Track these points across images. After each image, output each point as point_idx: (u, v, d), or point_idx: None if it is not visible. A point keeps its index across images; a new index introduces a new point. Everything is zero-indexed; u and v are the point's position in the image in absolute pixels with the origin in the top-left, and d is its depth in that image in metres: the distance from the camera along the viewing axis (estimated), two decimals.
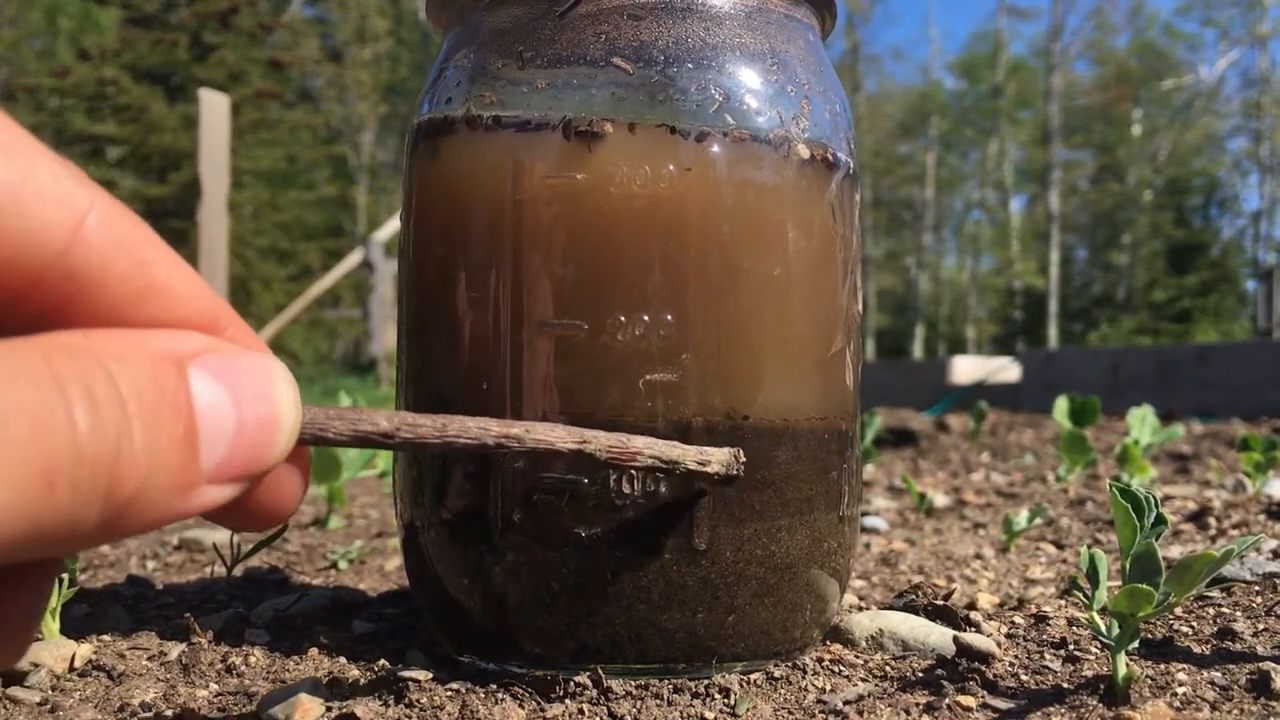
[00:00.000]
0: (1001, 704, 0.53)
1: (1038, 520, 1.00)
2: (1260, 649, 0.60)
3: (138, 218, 0.28)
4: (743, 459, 0.53)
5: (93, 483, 0.24)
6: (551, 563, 0.55)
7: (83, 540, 0.25)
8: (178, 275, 0.29)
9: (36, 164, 0.25)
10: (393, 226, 7.87)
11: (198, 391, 0.27)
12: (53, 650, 0.60)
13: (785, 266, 0.57)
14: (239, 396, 0.28)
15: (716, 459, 0.51)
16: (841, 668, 0.60)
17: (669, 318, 0.54)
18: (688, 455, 0.50)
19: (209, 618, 0.71)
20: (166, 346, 0.27)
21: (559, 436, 0.43)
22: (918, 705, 0.53)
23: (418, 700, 0.53)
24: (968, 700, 0.53)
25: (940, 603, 0.69)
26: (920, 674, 0.58)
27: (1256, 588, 0.72)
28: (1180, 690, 0.54)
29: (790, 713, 0.53)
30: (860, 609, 0.73)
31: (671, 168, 0.54)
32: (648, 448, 0.48)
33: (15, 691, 0.56)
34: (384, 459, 1.54)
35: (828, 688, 0.57)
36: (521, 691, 0.54)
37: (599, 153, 0.54)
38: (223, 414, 0.27)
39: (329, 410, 0.34)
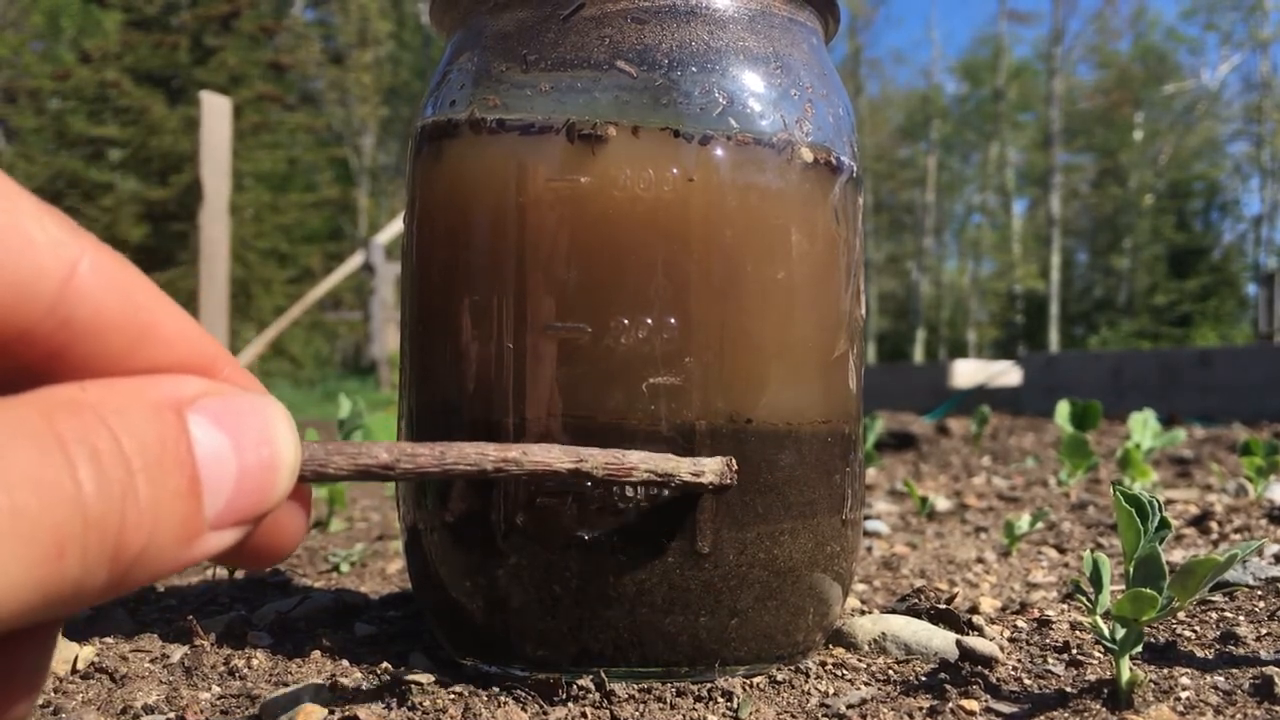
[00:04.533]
0: (1005, 708, 0.53)
1: (1039, 524, 1.00)
2: (1263, 653, 0.60)
3: (129, 263, 0.28)
4: (735, 467, 0.53)
5: (100, 546, 0.23)
6: (554, 565, 0.55)
7: (87, 601, 0.24)
8: (172, 319, 0.29)
9: (24, 213, 0.25)
10: (393, 229, 7.88)
11: (198, 438, 0.27)
12: (55, 653, 0.60)
13: (788, 270, 0.57)
14: (239, 441, 0.28)
15: (710, 469, 0.52)
16: (844, 671, 0.60)
17: (672, 321, 0.54)
18: (681, 467, 0.51)
19: (211, 620, 0.71)
20: (165, 394, 0.27)
21: (555, 457, 0.44)
22: (920, 709, 0.53)
23: (420, 703, 0.53)
24: (971, 704, 0.53)
25: (943, 606, 0.69)
26: (923, 678, 0.58)
27: (1259, 592, 0.72)
28: (1184, 694, 0.54)
29: (793, 716, 0.53)
30: (863, 612, 0.73)
31: (675, 171, 0.54)
32: (643, 462, 0.48)
33: None
34: None
35: (830, 691, 0.56)
36: (524, 694, 0.54)
37: (602, 156, 0.54)
38: (224, 460, 0.27)
39: (328, 446, 0.34)
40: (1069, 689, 0.55)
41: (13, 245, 0.25)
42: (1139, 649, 0.53)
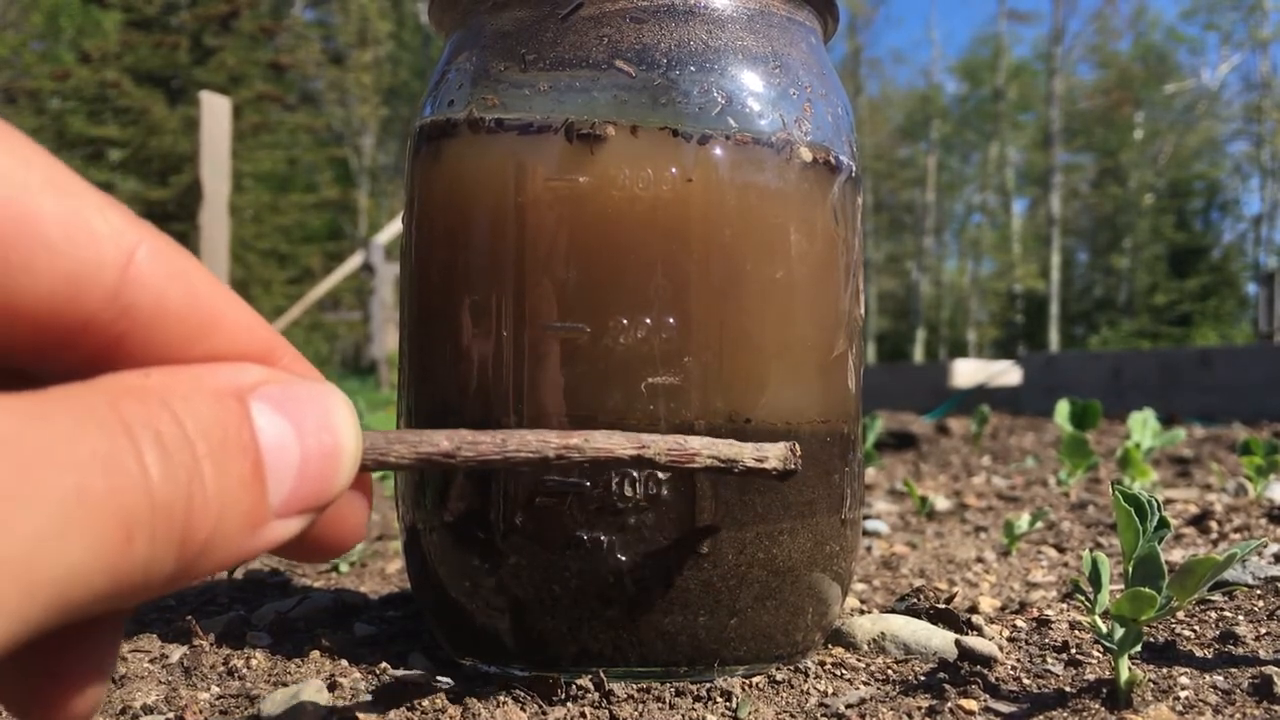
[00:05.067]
0: (1004, 708, 0.53)
1: (1039, 524, 1.00)
2: (1263, 653, 0.60)
3: (189, 253, 0.28)
4: (799, 452, 0.52)
5: (168, 531, 0.23)
6: (554, 565, 0.55)
7: (156, 589, 0.24)
8: (231, 308, 0.29)
9: (85, 201, 0.25)
10: (393, 229, 7.88)
11: (261, 425, 0.26)
12: None
13: (788, 270, 0.57)
14: (301, 428, 0.28)
15: (774, 454, 0.51)
16: (843, 671, 0.60)
17: (671, 320, 0.54)
18: (745, 453, 0.50)
19: (210, 620, 0.71)
20: (227, 381, 0.27)
21: (617, 443, 0.43)
22: (920, 709, 0.53)
23: (420, 703, 0.53)
24: (970, 704, 0.53)
25: (942, 606, 0.69)
26: (922, 677, 0.58)
27: (1258, 592, 0.72)
28: (1183, 694, 0.54)
29: (792, 716, 0.53)
30: (862, 612, 0.73)
31: (674, 171, 0.54)
32: (705, 448, 0.47)
33: None
34: None
35: (830, 691, 0.56)
36: (523, 694, 0.54)
37: (601, 155, 0.54)
38: (287, 447, 0.27)
39: (389, 434, 0.34)
40: (1068, 688, 0.55)
41: (76, 237, 0.25)
42: (1138, 648, 0.53)
